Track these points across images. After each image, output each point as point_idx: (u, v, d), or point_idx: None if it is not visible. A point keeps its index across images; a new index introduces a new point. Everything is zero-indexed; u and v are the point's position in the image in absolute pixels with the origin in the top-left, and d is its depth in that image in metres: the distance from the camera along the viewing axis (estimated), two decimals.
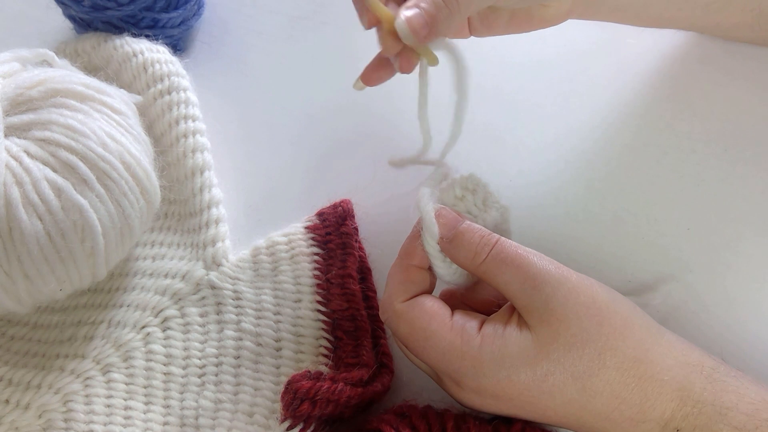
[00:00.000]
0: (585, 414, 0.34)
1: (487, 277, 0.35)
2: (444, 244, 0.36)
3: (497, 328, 0.34)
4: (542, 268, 0.34)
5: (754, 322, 0.41)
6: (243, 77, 0.53)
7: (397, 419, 0.36)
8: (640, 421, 0.33)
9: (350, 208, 0.45)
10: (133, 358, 0.42)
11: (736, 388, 0.34)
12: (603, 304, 0.34)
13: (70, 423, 0.40)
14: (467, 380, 0.34)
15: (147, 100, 0.48)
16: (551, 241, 0.44)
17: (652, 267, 0.43)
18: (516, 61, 0.51)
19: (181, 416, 0.41)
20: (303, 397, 0.36)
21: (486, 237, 0.36)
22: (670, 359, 0.34)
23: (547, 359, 0.33)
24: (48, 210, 0.36)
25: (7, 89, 0.39)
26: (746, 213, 0.44)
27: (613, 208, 0.45)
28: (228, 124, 0.51)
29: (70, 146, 0.37)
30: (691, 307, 0.42)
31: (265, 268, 0.44)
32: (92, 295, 0.45)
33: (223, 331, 0.43)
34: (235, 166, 0.49)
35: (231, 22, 0.55)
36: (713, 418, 0.33)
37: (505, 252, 0.35)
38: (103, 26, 0.51)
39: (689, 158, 0.46)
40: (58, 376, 0.41)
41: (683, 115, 0.48)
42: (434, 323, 0.35)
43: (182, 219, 0.46)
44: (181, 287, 0.44)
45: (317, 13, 0.55)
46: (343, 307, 0.42)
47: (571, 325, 0.33)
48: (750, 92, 0.48)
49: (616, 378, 0.33)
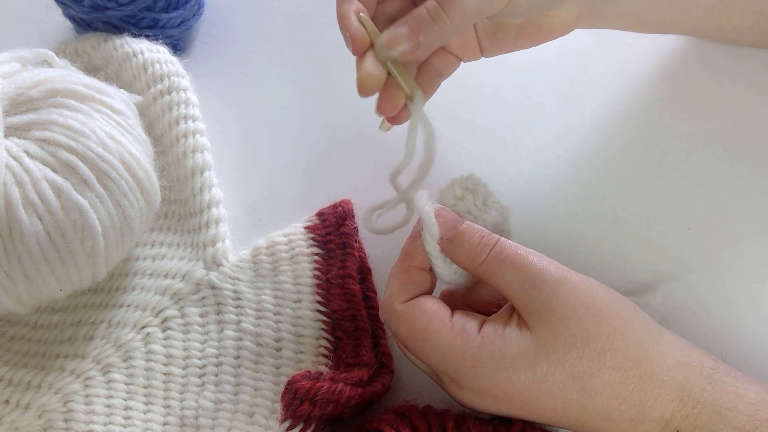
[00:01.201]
0: (585, 414, 0.34)
1: (487, 278, 0.35)
2: (444, 244, 0.36)
3: (497, 328, 0.34)
4: (542, 268, 0.34)
5: (754, 322, 0.41)
6: (243, 77, 0.53)
7: (397, 419, 0.36)
8: (640, 422, 0.33)
9: (350, 208, 0.45)
10: (133, 358, 0.42)
11: (736, 388, 0.33)
12: (603, 304, 0.34)
13: (70, 423, 0.40)
14: (467, 380, 0.34)
15: (147, 100, 0.48)
16: (551, 241, 0.44)
17: (652, 267, 0.43)
18: (516, 62, 0.51)
19: (181, 416, 0.41)
20: (303, 397, 0.36)
21: (486, 237, 0.36)
22: (670, 359, 0.34)
23: (547, 359, 0.33)
24: (48, 210, 0.36)
25: (7, 89, 0.39)
26: (746, 213, 0.44)
27: (613, 208, 0.45)
28: (228, 124, 0.51)
29: (70, 146, 0.37)
30: (691, 307, 0.42)
31: (265, 268, 0.44)
32: (92, 295, 0.45)
33: (223, 331, 0.43)
34: (235, 166, 0.49)
35: (231, 22, 0.55)
36: (713, 418, 0.33)
37: (505, 252, 0.35)
38: (103, 26, 0.51)
39: (689, 158, 0.46)
40: (58, 376, 0.41)
41: (683, 115, 0.48)
42: (434, 324, 0.35)
43: (182, 219, 0.46)
44: (181, 287, 0.44)
45: (317, 13, 0.55)
46: (343, 307, 0.42)
47: (571, 326, 0.33)
48: (750, 92, 0.48)
49: (616, 378, 0.33)
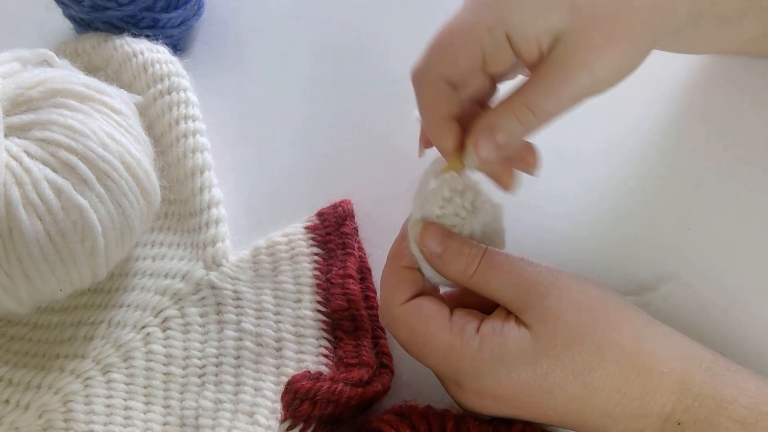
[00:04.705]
0: (587, 412, 0.34)
1: (479, 287, 0.35)
2: (433, 259, 0.36)
3: (495, 326, 0.34)
4: (533, 270, 0.35)
5: (754, 322, 0.41)
6: (243, 77, 0.53)
7: (397, 419, 0.36)
8: (641, 416, 0.33)
9: (350, 209, 0.45)
10: (133, 359, 0.42)
11: (736, 381, 0.34)
12: (595, 298, 0.34)
13: (70, 423, 0.40)
14: (468, 381, 0.34)
15: (147, 100, 0.48)
16: (551, 241, 0.44)
17: (652, 267, 0.43)
18: None
19: (181, 416, 0.41)
20: (303, 398, 0.36)
21: (475, 248, 0.36)
22: (668, 351, 0.34)
23: (547, 356, 0.33)
24: (48, 210, 0.36)
25: (7, 89, 0.39)
26: (746, 213, 0.44)
27: (614, 207, 0.45)
28: (228, 124, 0.51)
29: (70, 146, 0.37)
30: (691, 307, 0.42)
31: (265, 268, 0.44)
32: (92, 295, 0.45)
33: (223, 332, 0.43)
34: (235, 166, 0.49)
35: (231, 22, 0.55)
36: (714, 411, 0.33)
37: (495, 260, 0.35)
38: (103, 26, 0.51)
39: (689, 158, 0.46)
40: (58, 376, 0.41)
41: (684, 115, 0.48)
42: (432, 326, 0.35)
43: (182, 219, 0.46)
44: (181, 287, 0.44)
45: (317, 13, 0.55)
46: (343, 307, 0.41)
47: (568, 322, 0.33)
48: (750, 92, 0.48)
49: (616, 371, 0.33)
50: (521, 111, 0.34)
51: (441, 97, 0.35)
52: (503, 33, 0.33)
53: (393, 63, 0.51)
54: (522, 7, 0.33)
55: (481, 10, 0.34)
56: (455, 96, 0.35)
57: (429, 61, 0.35)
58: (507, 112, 0.34)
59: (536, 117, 0.34)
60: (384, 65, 0.52)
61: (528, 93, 0.34)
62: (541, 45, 0.33)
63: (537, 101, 0.33)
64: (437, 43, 0.35)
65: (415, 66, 0.36)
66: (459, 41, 0.34)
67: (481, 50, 0.34)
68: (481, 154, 0.34)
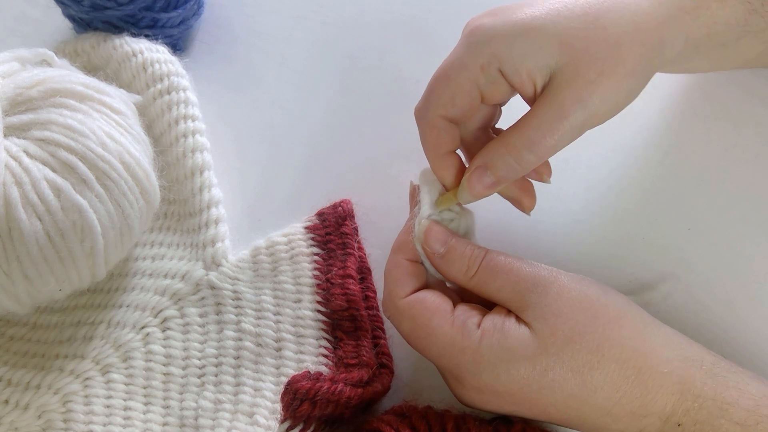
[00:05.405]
0: (586, 410, 0.34)
1: (479, 289, 0.36)
2: (435, 259, 0.37)
3: (497, 321, 0.34)
4: (532, 271, 0.35)
5: (754, 322, 0.41)
6: (243, 77, 0.53)
7: (397, 419, 0.36)
8: (641, 415, 0.33)
9: (350, 208, 0.45)
10: (132, 359, 0.42)
11: (736, 383, 0.34)
12: (594, 297, 0.35)
13: (69, 423, 0.40)
14: (468, 376, 0.34)
15: (146, 99, 0.48)
16: (551, 241, 0.44)
17: (652, 267, 0.43)
18: None
19: (180, 416, 0.41)
20: (303, 398, 0.36)
21: (476, 250, 0.36)
22: (668, 352, 0.34)
23: (546, 353, 0.33)
24: (47, 210, 0.36)
25: (6, 89, 0.39)
26: (746, 213, 0.44)
27: (613, 208, 0.45)
28: (228, 124, 0.51)
29: (69, 146, 0.37)
30: (691, 307, 0.42)
31: (265, 268, 0.44)
32: (92, 295, 0.45)
33: (222, 332, 0.43)
34: (235, 166, 0.49)
35: (231, 21, 0.55)
36: (714, 413, 0.33)
37: (495, 261, 0.36)
38: (102, 26, 0.51)
39: (689, 158, 0.46)
40: (57, 376, 0.41)
41: (684, 115, 0.48)
42: (435, 320, 0.35)
43: (182, 219, 0.46)
44: (180, 287, 0.44)
45: (317, 13, 0.55)
46: (343, 307, 0.41)
47: (568, 319, 0.33)
48: (750, 92, 0.48)
49: (616, 370, 0.33)
50: (515, 151, 0.34)
51: (441, 134, 0.36)
52: (497, 70, 0.34)
53: (393, 63, 0.51)
54: (513, 45, 0.34)
55: (474, 48, 0.35)
56: (456, 131, 0.37)
57: (428, 102, 0.36)
58: (502, 151, 0.35)
59: (535, 155, 0.34)
60: (384, 65, 0.52)
61: (525, 130, 0.34)
62: (534, 81, 0.34)
63: (534, 138, 0.34)
64: (434, 83, 0.36)
65: (417, 105, 0.37)
66: (454, 81, 0.35)
67: (477, 88, 0.35)
68: (473, 192, 0.36)
